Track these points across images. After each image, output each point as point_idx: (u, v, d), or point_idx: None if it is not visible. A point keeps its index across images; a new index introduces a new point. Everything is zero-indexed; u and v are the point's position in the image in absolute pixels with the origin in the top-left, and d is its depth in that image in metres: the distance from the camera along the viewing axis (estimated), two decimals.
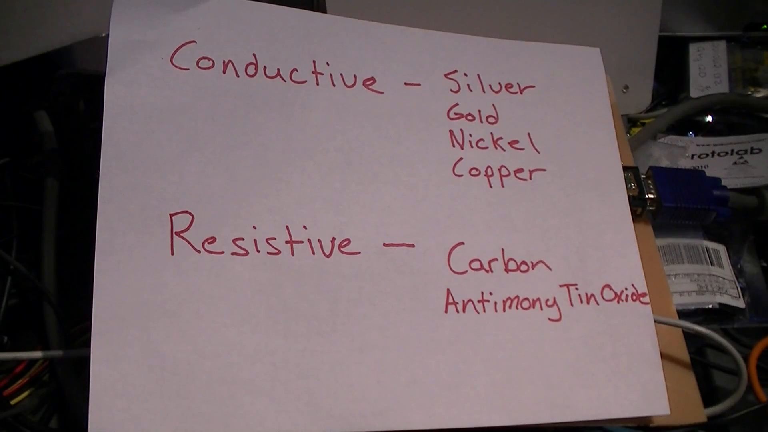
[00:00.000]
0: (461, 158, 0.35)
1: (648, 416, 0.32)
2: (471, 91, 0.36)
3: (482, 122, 0.36)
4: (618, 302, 0.33)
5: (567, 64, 0.39)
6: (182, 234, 0.29)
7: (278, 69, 0.34)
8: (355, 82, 0.35)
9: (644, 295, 0.34)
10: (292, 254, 0.31)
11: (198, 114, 0.31)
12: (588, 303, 0.33)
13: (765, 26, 0.54)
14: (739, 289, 0.40)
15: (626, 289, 0.34)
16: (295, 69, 0.34)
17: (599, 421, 0.32)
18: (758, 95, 0.52)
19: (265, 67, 0.33)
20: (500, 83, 0.37)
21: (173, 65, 0.32)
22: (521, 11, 0.45)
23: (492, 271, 0.33)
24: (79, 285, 0.29)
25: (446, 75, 0.36)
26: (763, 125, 0.49)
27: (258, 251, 0.30)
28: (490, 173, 0.35)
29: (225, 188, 0.31)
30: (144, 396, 0.27)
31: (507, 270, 0.33)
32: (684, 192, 0.39)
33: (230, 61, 0.33)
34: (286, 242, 0.31)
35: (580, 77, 0.38)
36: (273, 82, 0.33)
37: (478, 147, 0.35)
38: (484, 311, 0.32)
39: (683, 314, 0.39)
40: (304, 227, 0.31)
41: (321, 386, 0.29)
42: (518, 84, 0.37)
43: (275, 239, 0.31)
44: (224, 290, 0.29)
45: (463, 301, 0.32)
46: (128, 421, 0.27)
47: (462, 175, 0.34)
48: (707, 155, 0.47)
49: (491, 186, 0.34)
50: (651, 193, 0.38)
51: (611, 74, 0.41)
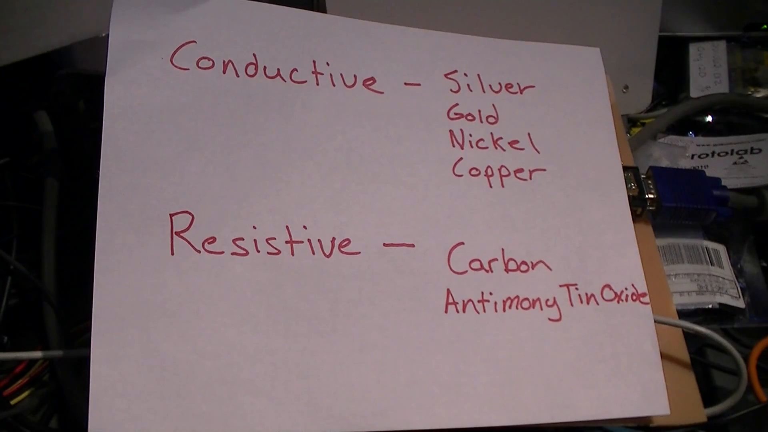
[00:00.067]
0: (461, 158, 0.35)
1: (648, 416, 0.32)
2: (471, 91, 0.36)
3: (482, 122, 0.36)
4: (618, 302, 0.33)
5: (567, 64, 0.39)
6: (182, 234, 0.29)
7: (278, 69, 0.34)
8: (355, 82, 0.35)
9: (644, 295, 0.34)
10: (292, 254, 0.31)
11: (198, 114, 0.31)
12: (588, 303, 0.33)
13: (765, 26, 0.54)
14: (739, 289, 0.40)
15: (626, 289, 0.34)
16: (295, 69, 0.34)
17: (599, 421, 0.32)
18: (758, 95, 0.52)
19: (265, 67, 0.33)
20: (500, 83, 0.37)
21: (173, 65, 0.32)
22: (521, 11, 0.45)
23: (492, 271, 0.33)
24: (79, 285, 0.30)
25: (446, 75, 0.36)
26: (763, 125, 0.49)
27: (258, 251, 0.30)
28: (490, 173, 0.35)
29: (225, 188, 0.31)
30: (144, 396, 0.27)
31: (507, 270, 0.33)
32: (684, 192, 0.39)
33: (230, 61, 0.33)
34: (286, 242, 0.31)
35: (580, 77, 0.38)
36: (273, 82, 0.33)
37: (478, 147, 0.35)
38: (484, 311, 0.32)
39: (683, 314, 0.39)
40: (304, 227, 0.31)
41: (321, 386, 0.29)
42: (518, 84, 0.37)
43: (275, 239, 0.31)
44: (224, 290, 0.29)
45: (463, 301, 0.32)
46: (128, 421, 0.27)
47: (462, 175, 0.34)
48: (707, 155, 0.47)
49: (491, 186, 0.35)
50: (651, 193, 0.38)
51: (611, 74, 0.41)
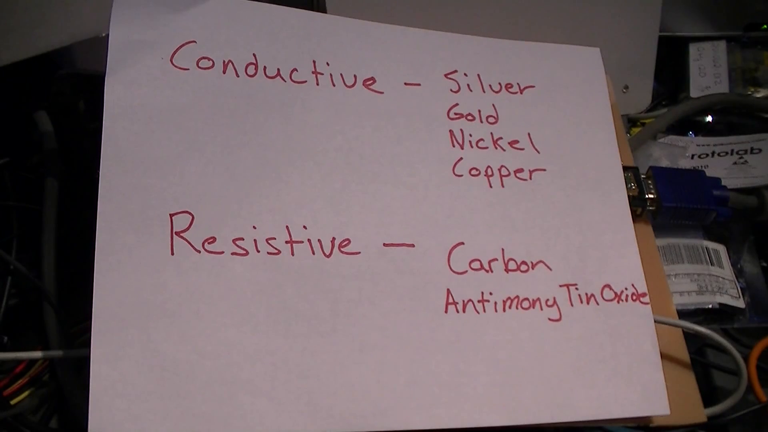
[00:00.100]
0: (461, 158, 0.35)
1: (648, 416, 0.32)
2: (471, 91, 0.36)
3: (482, 122, 0.36)
4: (618, 302, 0.33)
5: (567, 64, 0.39)
6: (182, 234, 0.29)
7: (278, 69, 0.34)
8: (355, 82, 0.35)
9: (644, 295, 0.34)
10: (292, 254, 0.31)
11: (198, 114, 0.31)
12: (588, 303, 0.33)
13: (765, 26, 0.54)
14: (739, 289, 0.40)
15: (626, 289, 0.34)
16: (295, 69, 0.34)
17: (599, 421, 0.32)
18: (758, 95, 0.52)
19: (265, 67, 0.33)
20: (500, 83, 0.37)
21: (173, 65, 0.32)
22: (521, 11, 0.45)
23: (492, 271, 0.33)
24: (79, 285, 0.29)
25: (446, 75, 0.36)
26: (763, 125, 0.49)
27: (258, 251, 0.30)
28: (490, 173, 0.35)
29: (225, 188, 0.31)
30: (144, 396, 0.27)
31: (507, 270, 0.33)
32: (684, 192, 0.39)
33: (230, 61, 0.33)
34: (286, 242, 0.31)
35: (580, 77, 0.38)
36: (273, 82, 0.33)
37: (478, 147, 0.35)
38: (484, 311, 0.32)
39: (683, 314, 0.39)
40: (304, 227, 0.31)
41: (321, 386, 0.29)
42: (518, 84, 0.37)
43: (275, 239, 0.31)
44: (224, 290, 0.29)
45: (463, 301, 0.32)
46: (128, 421, 0.27)
47: (462, 175, 0.34)
48: (707, 155, 0.47)
49: (491, 186, 0.34)
50: (651, 193, 0.38)
51: (611, 74, 0.41)
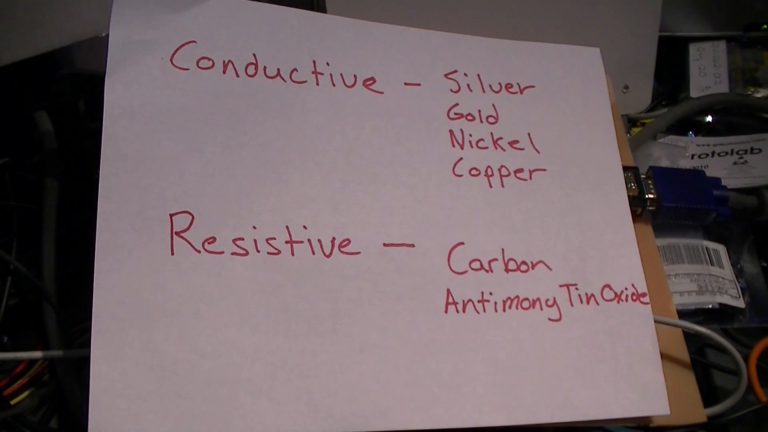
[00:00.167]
0: (461, 158, 0.35)
1: (648, 416, 0.32)
2: (471, 91, 0.36)
3: (482, 122, 0.36)
4: (618, 302, 0.33)
5: (567, 64, 0.39)
6: (182, 234, 0.29)
7: (278, 69, 0.34)
8: (355, 82, 0.35)
9: (644, 295, 0.34)
10: (292, 254, 0.31)
11: (198, 114, 0.31)
12: (588, 303, 0.33)
13: (765, 26, 0.54)
14: (739, 289, 0.40)
15: (626, 289, 0.34)
16: (295, 69, 0.34)
17: (599, 421, 0.32)
18: (758, 95, 0.52)
19: (265, 67, 0.33)
20: (500, 83, 0.37)
21: (173, 65, 0.32)
22: (521, 11, 0.45)
23: (492, 271, 0.33)
24: (79, 285, 0.29)
25: (446, 75, 0.36)
26: (763, 125, 0.49)
27: (258, 251, 0.30)
28: (490, 173, 0.35)
29: (225, 188, 0.31)
30: (144, 396, 0.27)
31: (507, 270, 0.33)
32: (684, 192, 0.39)
33: (230, 61, 0.33)
34: (286, 242, 0.31)
35: (580, 77, 0.38)
36: (273, 82, 0.33)
37: (478, 147, 0.35)
38: (484, 311, 0.32)
39: (683, 314, 0.39)
40: (304, 227, 0.31)
41: (321, 386, 0.29)
42: (518, 84, 0.37)
43: (275, 239, 0.31)
44: (224, 290, 0.29)
45: (463, 301, 0.32)
46: (128, 421, 0.27)
47: (462, 175, 0.34)
48: (707, 155, 0.47)
49: (491, 186, 0.34)
50: (651, 193, 0.38)
51: (611, 74, 0.41)
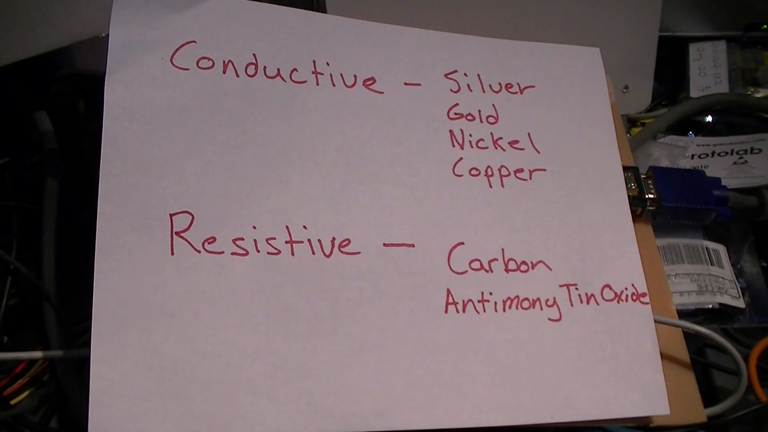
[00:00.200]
0: (461, 158, 0.35)
1: (648, 416, 0.32)
2: (471, 91, 0.36)
3: (482, 122, 0.36)
4: (618, 302, 0.33)
5: (567, 64, 0.39)
6: (182, 234, 0.29)
7: (278, 69, 0.34)
8: (355, 82, 0.35)
9: (644, 295, 0.34)
10: (292, 254, 0.31)
11: (198, 114, 0.31)
12: (588, 303, 0.33)
13: (765, 26, 0.54)
14: (739, 289, 0.40)
15: (626, 289, 0.34)
16: (295, 69, 0.34)
17: (599, 421, 0.32)
18: (758, 95, 0.52)
19: (265, 67, 0.33)
20: (500, 83, 0.37)
21: (173, 65, 0.32)
22: (521, 11, 0.45)
23: (492, 271, 0.33)
24: (79, 285, 0.29)
25: (446, 75, 0.36)
26: (763, 125, 0.49)
27: (258, 251, 0.30)
28: (490, 173, 0.35)
29: (225, 188, 0.31)
30: (144, 396, 0.27)
31: (507, 270, 0.33)
32: (684, 192, 0.39)
33: (230, 61, 0.33)
34: (286, 242, 0.31)
35: (580, 77, 0.38)
36: (273, 82, 0.33)
37: (478, 147, 0.35)
38: (484, 311, 0.32)
39: (683, 314, 0.39)
40: (304, 227, 0.31)
41: (321, 386, 0.29)
42: (518, 84, 0.37)
43: (275, 239, 0.31)
44: (224, 290, 0.29)
45: (463, 301, 0.32)
46: (128, 421, 0.27)
47: (462, 175, 0.34)
48: (707, 155, 0.47)
49: (491, 186, 0.34)
50: (651, 193, 0.38)
51: (611, 74, 0.41)
